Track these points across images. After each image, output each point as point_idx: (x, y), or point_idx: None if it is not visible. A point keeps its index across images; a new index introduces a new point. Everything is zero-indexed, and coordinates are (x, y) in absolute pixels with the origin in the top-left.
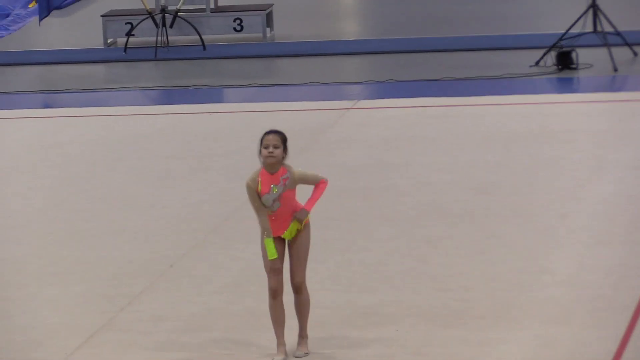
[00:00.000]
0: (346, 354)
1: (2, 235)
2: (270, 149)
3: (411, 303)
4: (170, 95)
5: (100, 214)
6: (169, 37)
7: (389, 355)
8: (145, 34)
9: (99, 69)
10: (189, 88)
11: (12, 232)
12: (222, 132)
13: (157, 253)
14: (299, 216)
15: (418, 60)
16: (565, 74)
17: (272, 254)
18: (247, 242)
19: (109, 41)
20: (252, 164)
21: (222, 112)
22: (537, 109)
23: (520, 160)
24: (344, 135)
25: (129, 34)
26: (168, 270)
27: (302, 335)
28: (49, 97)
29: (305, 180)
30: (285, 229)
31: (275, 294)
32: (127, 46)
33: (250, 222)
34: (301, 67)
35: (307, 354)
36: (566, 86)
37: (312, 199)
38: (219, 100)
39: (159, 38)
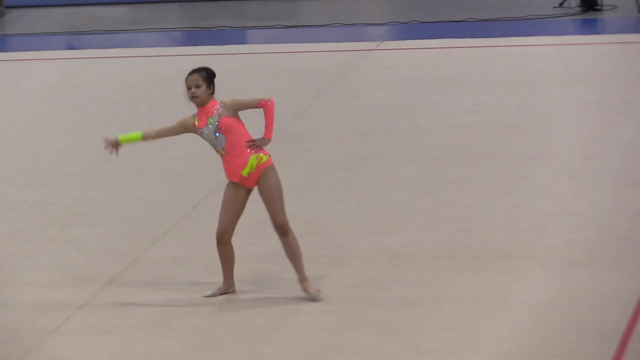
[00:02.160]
0: (370, 295)
1: (26, 177)
2: (192, 90)
3: (434, 244)
4: (194, 36)
5: (122, 155)
6: None
7: (412, 297)
8: None
9: (123, 10)
10: (213, 29)
11: (36, 174)
12: (246, 74)
13: (180, 194)
14: (259, 142)
15: (442, 1)
16: (589, 15)
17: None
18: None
19: None
20: (275, 105)
21: (245, 53)
22: (561, 50)
23: (544, 101)
24: (367, 76)
25: None
26: (191, 212)
27: (302, 279)
28: (73, 39)
29: (240, 104)
30: (244, 165)
31: (218, 241)
32: None
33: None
34: (324, 8)
35: (318, 290)
36: (590, 27)
37: (267, 125)
38: (242, 41)
39: None
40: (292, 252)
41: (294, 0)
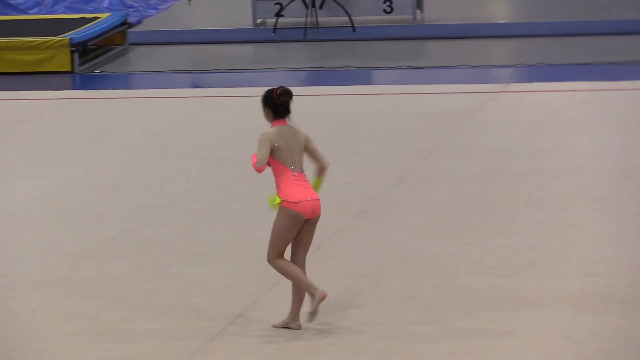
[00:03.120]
0: (492, 338)
1: (149, 215)
2: None
3: (558, 287)
4: (319, 76)
5: (246, 194)
6: (319, 18)
7: (535, 340)
8: (295, 15)
9: (248, 49)
10: (338, 69)
11: (159, 212)
12: (370, 115)
13: None
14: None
15: (568, 43)
16: None
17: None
18: (393, 224)
19: (258, 21)
20: (400, 146)
21: (370, 94)
22: None
23: None
24: (492, 118)
25: (278, 15)
26: (316, 252)
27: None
28: (197, 77)
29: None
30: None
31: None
32: (276, 27)
33: (396, 205)
34: (451, 49)
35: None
36: None
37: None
38: (367, 82)
39: (308, 19)
40: (288, 277)
41: (421, 40)
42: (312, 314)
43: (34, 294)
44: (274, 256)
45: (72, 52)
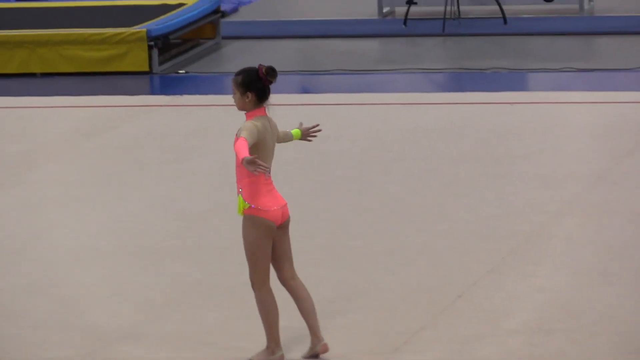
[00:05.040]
0: None
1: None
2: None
3: None
4: (461, 80)
5: (369, 227)
6: (461, 7)
7: None
8: (431, 3)
9: (372, 45)
10: (485, 71)
11: None
12: (525, 128)
13: (443, 280)
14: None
15: None
16: None
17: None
18: (554, 267)
19: (384, 11)
20: (562, 169)
21: (525, 102)
22: None
23: None
24: None
25: (410, 2)
26: (455, 302)
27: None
28: (309, 79)
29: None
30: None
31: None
32: (408, 17)
33: (558, 243)
34: (626, 47)
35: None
36: None
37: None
38: (521, 87)
39: (448, 8)
40: (260, 313)
41: (589, 36)
42: None
43: (104, 349)
44: (260, 281)
45: (150, 47)
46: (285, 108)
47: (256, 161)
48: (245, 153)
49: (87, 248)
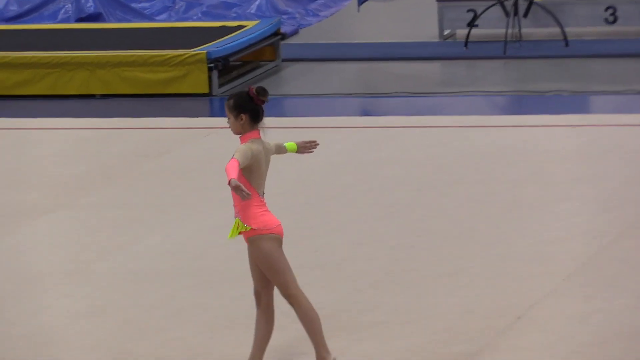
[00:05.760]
0: None
1: (309, 275)
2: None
3: None
4: (522, 102)
5: (429, 251)
6: (522, 29)
7: None
8: (492, 25)
9: (433, 67)
10: (546, 94)
11: (319, 272)
12: (587, 152)
13: (503, 302)
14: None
15: None
16: None
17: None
18: (614, 290)
19: (445, 33)
20: (625, 192)
21: (587, 125)
22: None
23: None
24: None
25: (471, 25)
26: (515, 324)
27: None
28: (368, 102)
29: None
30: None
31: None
32: (469, 39)
33: (619, 266)
34: None
35: None
36: None
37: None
38: (583, 110)
39: (510, 30)
40: (305, 324)
41: None
42: None
43: None
44: (294, 292)
45: (210, 69)
46: (345, 130)
47: (240, 187)
48: (233, 174)
49: (146, 270)
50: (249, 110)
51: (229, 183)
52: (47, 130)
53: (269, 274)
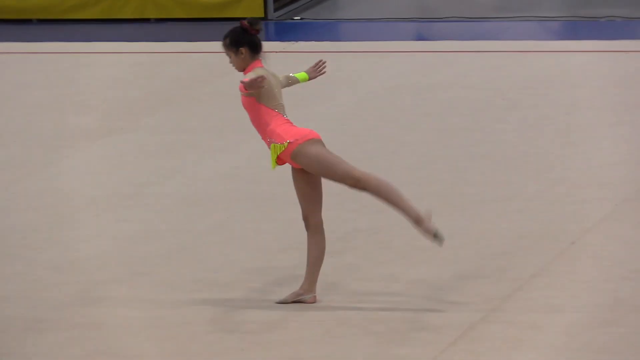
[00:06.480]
0: None
1: (358, 202)
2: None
3: None
4: (576, 28)
5: (485, 175)
6: None
7: None
8: None
9: None
10: (600, 20)
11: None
12: (635, 76)
13: (557, 227)
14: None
15: None
16: None
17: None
18: None
19: None
20: None
21: (637, 50)
22: None
23: None
24: None
25: None
26: (569, 249)
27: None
28: (424, 27)
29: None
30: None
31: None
32: None
33: None
34: None
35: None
36: None
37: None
38: (637, 36)
39: None
40: (385, 199)
41: None
42: (438, 237)
43: (219, 292)
44: (357, 171)
45: None
46: (401, 55)
47: (251, 79)
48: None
49: (201, 194)
50: (246, 42)
51: (243, 85)
52: (102, 54)
53: (327, 173)
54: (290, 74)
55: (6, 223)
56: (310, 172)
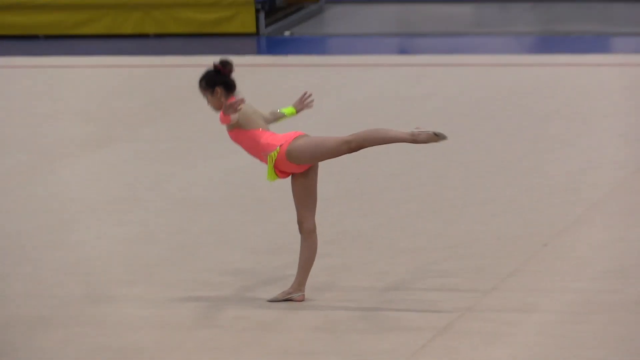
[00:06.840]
0: None
1: (349, 204)
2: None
3: None
4: (548, 42)
5: (462, 181)
6: None
7: None
8: None
9: (466, 10)
10: (571, 35)
11: (360, 201)
12: (608, 89)
13: (531, 230)
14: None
15: None
16: None
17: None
18: (635, 219)
19: None
20: None
21: (608, 64)
22: None
23: None
24: None
25: None
26: (542, 250)
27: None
28: (405, 42)
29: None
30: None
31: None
32: None
33: (638, 196)
34: None
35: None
36: None
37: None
38: (605, 50)
39: None
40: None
41: None
42: (439, 136)
43: (214, 291)
44: (344, 136)
45: (257, 10)
46: (384, 68)
47: (229, 104)
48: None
49: (195, 198)
50: (220, 82)
51: (224, 111)
52: (104, 67)
53: (323, 152)
54: (277, 110)
55: (13, 226)
56: (309, 173)
